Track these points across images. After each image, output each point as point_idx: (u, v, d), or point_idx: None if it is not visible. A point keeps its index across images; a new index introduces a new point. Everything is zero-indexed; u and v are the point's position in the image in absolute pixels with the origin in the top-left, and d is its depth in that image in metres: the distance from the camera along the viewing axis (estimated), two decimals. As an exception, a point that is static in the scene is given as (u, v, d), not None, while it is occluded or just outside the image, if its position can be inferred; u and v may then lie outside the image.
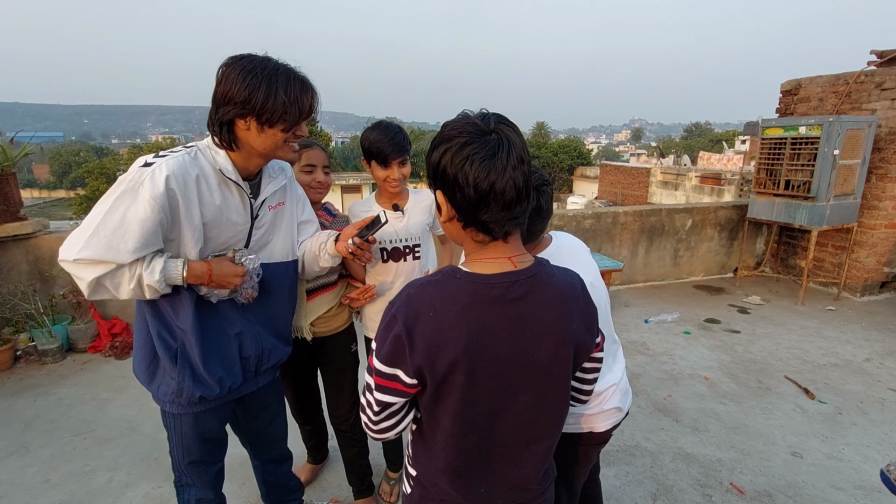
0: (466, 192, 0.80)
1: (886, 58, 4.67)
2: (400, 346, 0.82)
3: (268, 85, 1.15)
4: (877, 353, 3.65)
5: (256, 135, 1.21)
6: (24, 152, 3.57)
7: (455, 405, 0.84)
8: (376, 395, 0.88)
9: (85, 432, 2.62)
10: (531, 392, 0.87)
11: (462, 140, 0.80)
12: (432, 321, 0.82)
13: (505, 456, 0.91)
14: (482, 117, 0.83)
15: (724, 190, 17.51)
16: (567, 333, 0.87)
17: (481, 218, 0.83)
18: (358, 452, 2.01)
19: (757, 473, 2.33)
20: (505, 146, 0.80)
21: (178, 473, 1.47)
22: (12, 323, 3.45)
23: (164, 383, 1.32)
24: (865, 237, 4.74)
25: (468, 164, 0.79)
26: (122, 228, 1.11)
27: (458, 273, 0.86)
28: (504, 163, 0.79)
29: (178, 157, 1.19)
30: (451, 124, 0.83)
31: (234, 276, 1.29)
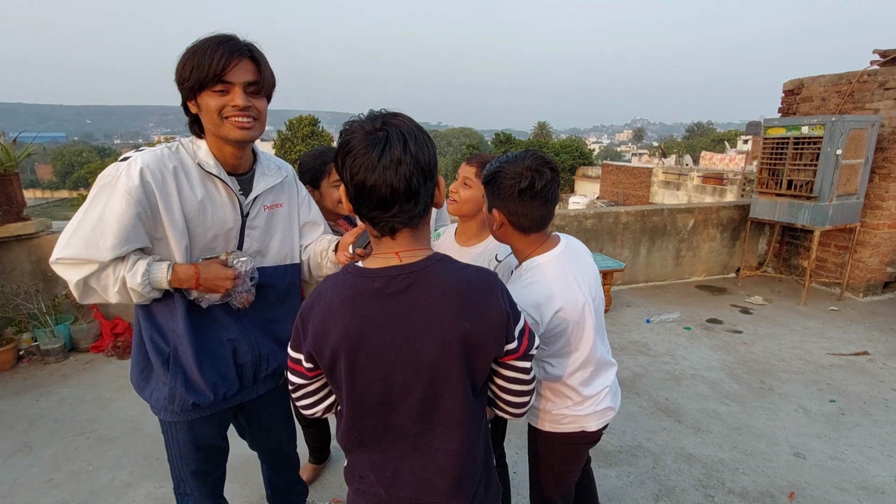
0: (348, 187, 0.84)
1: (889, 57, 4.65)
2: (297, 333, 0.91)
3: (189, 54, 1.10)
4: (880, 354, 3.64)
5: (203, 114, 1.14)
6: (26, 152, 3.58)
7: (345, 391, 0.89)
8: (290, 376, 0.97)
9: (87, 432, 2.63)
10: (422, 388, 0.87)
11: (346, 136, 0.83)
12: (321, 311, 0.87)
13: (409, 444, 0.92)
14: (373, 116, 0.85)
15: (727, 190, 17.47)
16: (453, 332, 0.83)
17: (362, 213, 0.87)
18: None
19: (759, 474, 2.32)
20: (381, 144, 0.80)
21: (177, 481, 1.44)
22: (15, 323, 3.46)
23: (157, 389, 1.28)
24: (868, 237, 4.72)
25: (349, 159, 0.82)
26: (100, 225, 1.09)
27: (349, 268, 0.90)
28: (375, 161, 0.79)
29: (155, 151, 1.17)
30: (348, 122, 0.86)
31: (223, 279, 1.21)
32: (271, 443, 1.60)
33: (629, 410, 2.85)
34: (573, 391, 1.33)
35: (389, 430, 0.92)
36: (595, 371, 1.36)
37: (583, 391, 1.34)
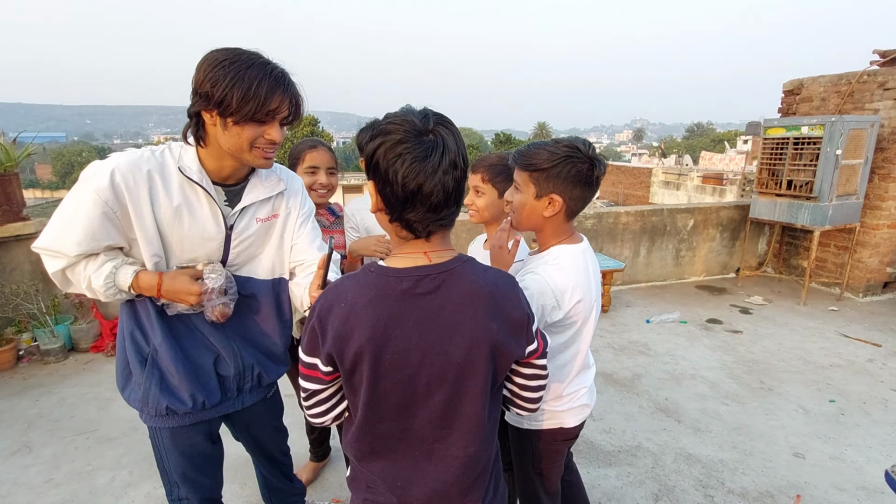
0: (395, 188, 0.80)
1: (889, 57, 4.66)
2: (314, 336, 0.86)
3: (233, 76, 1.06)
4: (879, 354, 3.64)
5: (221, 131, 1.12)
6: (26, 153, 3.58)
7: (365, 395, 0.86)
8: (304, 383, 0.93)
9: (87, 432, 2.63)
10: (446, 390, 0.86)
11: (397, 137, 0.79)
12: (342, 312, 0.83)
13: (424, 451, 0.91)
14: (422, 116, 0.82)
15: (726, 190, 17.48)
16: (482, 334, 0.84)
17: (405, 216, 0.83)
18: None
19: (759, 474, 2.33)
20: (439, 149, 0.80)
21: (169, 486, 1.41)
22: (15, 323, 3.46)
23: (134, 390, 1.25)
24: (868, 237, 4.72)
25: (399, 162, 0.79)
26: (70, 221, 1.10)
27: (372, 267, 0.88)
28: (435, 166, 0.79)
29: (133, 153, 1.15)
30: (391, 117, 0.82)
31: (187, 293, 1.16)
32: (262, 451, 1.57)
33: (629, 410, 2.85)
34: (557, 386, 1.34)
35: (405, 437, 0.90)
36: (580, 370, 1.37)
37: (564, 389, 1.34)
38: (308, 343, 0.88)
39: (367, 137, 0.83)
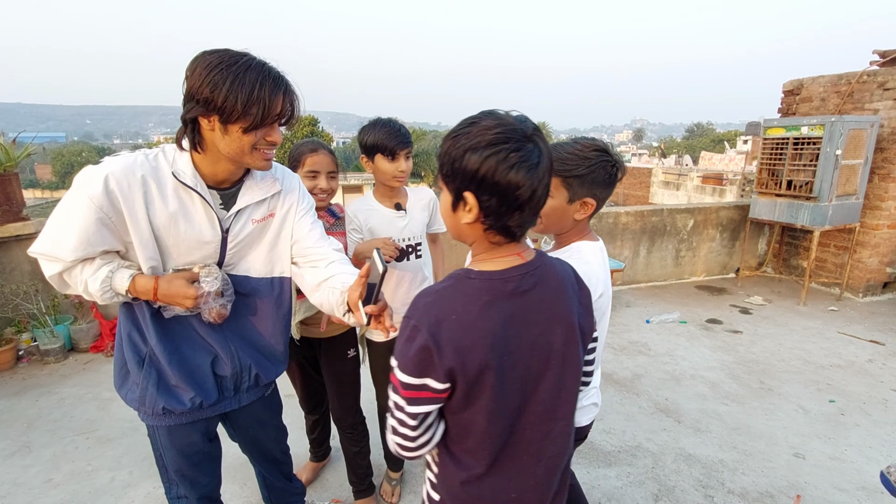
0: (507, 198, 0.80)
1: (889, 58, 4.66)
2: (427, 356, 0.82)
3: (232, 81, 1.04)
4: (879, 354, 3.64)
5: (221, 136, 1.11)
6: (26, 153, 3.58)
7: (488, 404, 0.84)
8: (410, 409, 0.85)
9: (87, 432, 2.63)
10: (551, 379, 0.89)
11: (510, 147, 0.78)
12: (456, 324, 0.82)
13: (532, 454, 0.91)
14: (521, 122, 0.81)
15: (726, 190, 17.47)
16: (573, 318, 0.90)
17: (508, 223, 0.83)
18: (358, 453, 2.01)
19: (759, 474, 2.33)
20: (545, 155, 0.81)
21: (168, 484, 1.41)
22: (15, 323, 3.46)
23: (131, 390, 1.26)
24: (868, 237, 4.72)
25: (514, 172, 0.78)
26: (64, 226, 1.10)
27: (471, 274, 0.86)
28: (544, 171, 0.81)
29: (128, 157, 1.13)
30: (493, 127, 0.80)
31: (183, 297, 1.16)
32: (261, 450, 1.57)
33: (629, 410, 2.85)
34: None
35: (516, 441, 0.90)
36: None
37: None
38: (419, 363, 0.82)
39: (461, 148, 0.81)
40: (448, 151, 0.83)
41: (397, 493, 2.15)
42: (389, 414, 0.89)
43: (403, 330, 0.85)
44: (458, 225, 0.89)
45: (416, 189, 1.96)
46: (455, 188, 0.84)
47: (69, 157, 62.60)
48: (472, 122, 0.82)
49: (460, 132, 0.82)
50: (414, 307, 0.85)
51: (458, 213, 0.86)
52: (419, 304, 0.85)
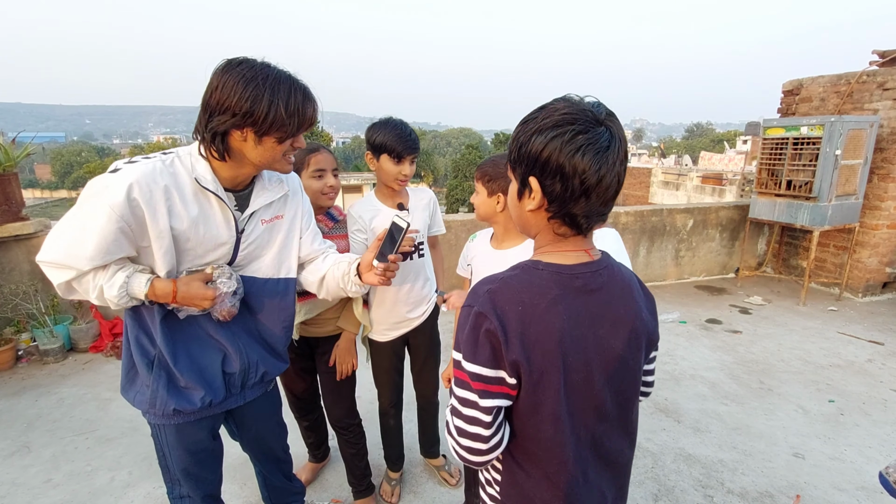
0: (571, 182, 0.76)
1: (888, 58, 4.66)
2: (496, 343, 0.77)
3: (269, 95, 1.08)
4: (879, 354, 3.65)
5: (253, 146, 1.14)
6: (25, 152, 3.58)
7: (553, 406, 0.80)
8: (485, 402, 0.79)
9: (87, 432, 2.63)
10: (610, 384, 0.85)
11: (576, 128, 0.74)
12: (522, 315, 0.78)
13: (601, 459, 0.88)
14: (594, 105, 0.78)
15: (726, 190, 17.49)
16: (638, 324, 0.87)
17: (573, 210, 0.79)
18: (355, 454, 2.01)
19: (758, 474, 2.33)
20: (616, 140, 0.77)
21: (170, 484, 1.42)
22: (14, 323, 3.46)
23: (140, 392, 1.26)
24: (867, 237, 4.73)
25: (579, 155, 0.74)
26: (81, 235, 1.08)
27: (538, 265, 0.83)
28: (615, 157, 0.77)
29: (146, 164, 1.12)
30: (561, 109, 0.76)
31: (201, 298, 1.19)
32: (263, 447, 1.58)
33: (628, 410, 2.85)
34: None
35: (586, 446, 0.86)
36: None
37: None
38: (487, 353, 0.78)
39: (528, 132, 0.78)
40: (516, 137, 0.81)
41: (397, 493, 2.15)
42: (453, 415, 0.83)
43: (465, 319, 0.80)
44: (522, 214, 0.86)
45: (417, 189, 1.97)
46: (521, 174, 0.82)
47: (68, 156, 62.58)
48: (542, 107, 0.80)
49: (530, 117, 0.80)
50: (475, 294, 0.81)
51: (524, 201, 0.83)
52: (481, 291, 0.81)
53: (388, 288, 1.84)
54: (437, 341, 2.09)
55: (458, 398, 0.82)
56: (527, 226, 0.88)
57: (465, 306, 0.82)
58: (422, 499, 2.16)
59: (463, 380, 0.81)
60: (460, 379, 0.81)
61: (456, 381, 0.82)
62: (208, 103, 1.11)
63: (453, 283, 4.21)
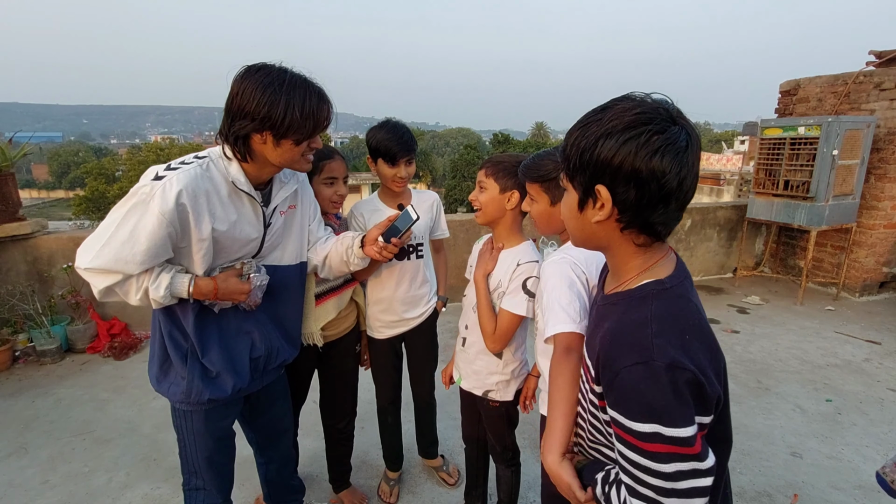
0: (648, 188, 0.70)
1: (885, 58, 4.67)
2: (700, 391, 0.67)
3: (285, 100, 1.15)
4: (876, 353, 3.66)
5: (272, 148, 1.22)
6: (22, 152, 3.57)
7: (723, 432, 0.76)
8: (710, 462, 0.68)
9: (84, 433, 2.62)
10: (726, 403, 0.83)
11: (653, 129, 0.68)
12: (699, 344, 0.70)
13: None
14: (664, 103, 0.72)
15: (723, 190, 17.53)
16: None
17: (651, 218, 0.73)
18: (346, 452, 2.06)
19: (756, 473, 2.33)
20: (694, 140, 0.72)
21: (188, 475, 1.46)
22: (11, 323, 3.44)
23: (175, 384, 1.33)
24: (864, 237, 4.74)
25: (657, 157, 0.68)
26: (130, 241, 1.13)
27: (664, 284, 0.76)
28: (693, 157, 0.71)
29: (190, 171, 1.18)
30: (631, 108, 0.70)
31: (239, 293, 1.30)
32: (274, 433, 1.65)
33: (627, 410, 2.85)
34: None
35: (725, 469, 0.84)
36: None
37: None
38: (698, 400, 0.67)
39: (593, 136, 0.71)
40: (575, 143, 0.74)
41: (395, 493, 2.15)
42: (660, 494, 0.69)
43: (646, 379, 0.67)
44: (585, 226, 0.79)
45: (421, 191, 1.97)
46: (584, 183, 0.75)
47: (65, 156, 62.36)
48: (604, 108, 0.73)
49: (590, 120, 0.73)
50: (640, 346, 0.69)
51: (587, 213, 0.77)
52: (643, 338, 0.70)
53: (385, 286, 1.85)
54: (434, 343, 2.09)
55: (665, 475, 0.67)
56: (591, 238, 0.81)
57: (636, 363, 0.68)
58: (420, 499, 2.16)
59: (671, 452, 0.66)
60: (663, 454, 0.67)
61: (655, 457, 0.67)
62: (230, 108, 1.19)
63: (452, 283, 4.20)
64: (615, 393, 0.72)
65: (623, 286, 0.81)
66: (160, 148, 30.51)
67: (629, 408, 0.70)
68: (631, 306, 0.76)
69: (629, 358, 0.70)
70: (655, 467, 0.68)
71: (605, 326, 0.78)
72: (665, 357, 0.67)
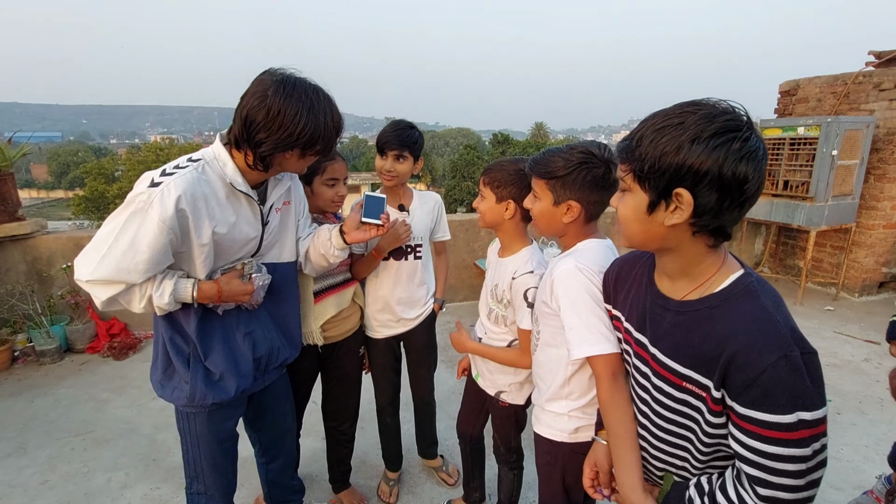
0: (731, 193, 0.72)
1: (884, 59, 4.68)
2: (820, 366, 0.76)
3: (325, 121, 1.19)
4: (875, 354, 3.66)
5: (296, 161, 1.26)
6: (22, 152, 3.57)
7: None
8: (826, 433, 0.76)
9: (83, 433, 2.62)
10: None
11: (742, 135, 0.71)
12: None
13: None
14: (744, 112, 0.74)
15: (723, 190, 17.54)
16: None
17: (724, 222, 0.76)
18: (347, 453, 2.06)
19: (756, 473, 2.33)
20: (764, 147, 0.75)
21: (190, 480, 1.45)
22: (10, 323, 3.44)
23: (179, 388, 1.32)
24: (864, 237, 4.74)
25: (743, 164, 0.70)
26: (131, 250, 1.11)
27: (752, 276, 0.80)
28: (765, 165, 0.75)
29: (186, 176, 1.16)
30: (717, 116, 0.72)
31: (243, 294, 1.30)
32: (277, 434, 1.65)
33: (626, 410, 2.85)
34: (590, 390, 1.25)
35: None
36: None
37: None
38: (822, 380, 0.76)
39: (675, 141, 0.73)
40: (652, 145, 0.75)
41: (395, 493, 2.15)
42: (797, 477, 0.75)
43: (791, 371, 0.72)
44: (652, 228, 0.80)
45: (423, 192, 1.96)
46: (660, 186, 0.76)
47: (65, 156, 62.34)
48: (681, 113, 0.74)
49: (666, 124, 0.74)
50: (778, 341, 0.73)
51: (658, 215, 0.78)
52: (777, 331, 0.73)
53: (382, 285, 1.85)
54: (433, 344, 2.08)
55: (804, 457, 0.74)
56: (656, 240, 0.82)
57: (781, 358, 0.72)
58: (420, 499, 2.16)
59: (813, 434, 0.75)
60: (806, 438, 0.74)
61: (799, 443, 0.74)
62: (269, 125, 1.15)
63: (451, 284, 4.20)
64: (757, 391, 0.73)
65: (702, 288, 0.82)
66: (160, 148, 30.47)
67: (776, 402, 0.71)
68: (742, 305, 0.77)
69: (772, 354, 0.71)
70: (797, 453, 0.72)
71: (723, 329, 0.77)
72: (801, 345, 0.72)
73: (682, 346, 0.84)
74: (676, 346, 0.85)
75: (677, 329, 0.85)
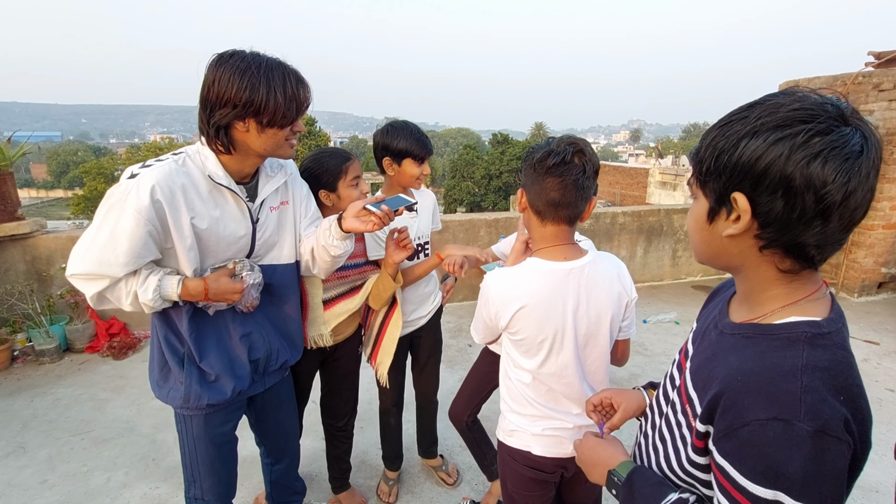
0: (801, 200, 0.58)
1: (884, 59, 4.68)
2: (852, 462, 0.62)
3: (266, 83, 1.10)
4: (874, 354, 3.66)
5: (256, 136, 1.17)
6: (21, 152, 3.56)
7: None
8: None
9: (83, 432, 2.62)
10: None
11: (814, 128, 0.57)
12: (855, 408, 0.64)
13: None
14: (834, 100, 0.59)
15: (723, 190, 17.54)
16: None
17: (801, 238, 0.60)
18: (346, 450, 2.05)
19: (755, 473, 2.33)
20: (873, 146, 0.58)
21: (188, 484, 1.44)
22: (9, 323, 3.44)
23: (174, 389, 1.31)
24: (863, 238, 4.75)
25: (818, 163, 0.56)
26: (111, 243, 1.11)
27: (823, 328, 0.63)
28: (869, 166, 0.57)
29: (163, 166, 1.14)
30: (787, 104, 0.59)
31: (231, 292, 1.25)
32: (281, 436, 1.64)
33: (626, 410, 2.86)
34: (529, 402, 1.23)
35: None
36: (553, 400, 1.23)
37: (538, 408, 1.22)
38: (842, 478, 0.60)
39: (734, 135, 0.61)
40: (712, 143, 0.64)
41: (394, 493, 2.15)
42: None
43: (782, 440, 0.57)
44: (714, 240, 0.68)
45: (421, 191, 1.97)
46: (717, 189, 0.64)
47: (65, 156, 62.34)
48: (752, 105, 0.62)
49: (734, 118, 0.63)
50: (783, 401, 0.58)
51: (717, 224, 0.66)
52: (788, 390, 0.59)
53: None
54: (440, 340, 2.11)
55: None
56: (720, 255, 0.70)
57: (765, 421, 0.59)
58: (419, 499, 2.16)
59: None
60: None
61: None
62: (207, 99, 1.13)
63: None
64: (735, 443, 0.61)
65: (760, 318, 0.68)
66: (159, 147, 30.44)
67: (749, 465, 0.60)
68: (773, 347, 0.63)
69: (765, 410, 0.59)
70: None
71: (733, 362, 0.66)
72: (816, 420, 0.57)
73: (702, 367, 0.74)
74: (699, 365, 0.75)
75: (709, 348, 0.76)
